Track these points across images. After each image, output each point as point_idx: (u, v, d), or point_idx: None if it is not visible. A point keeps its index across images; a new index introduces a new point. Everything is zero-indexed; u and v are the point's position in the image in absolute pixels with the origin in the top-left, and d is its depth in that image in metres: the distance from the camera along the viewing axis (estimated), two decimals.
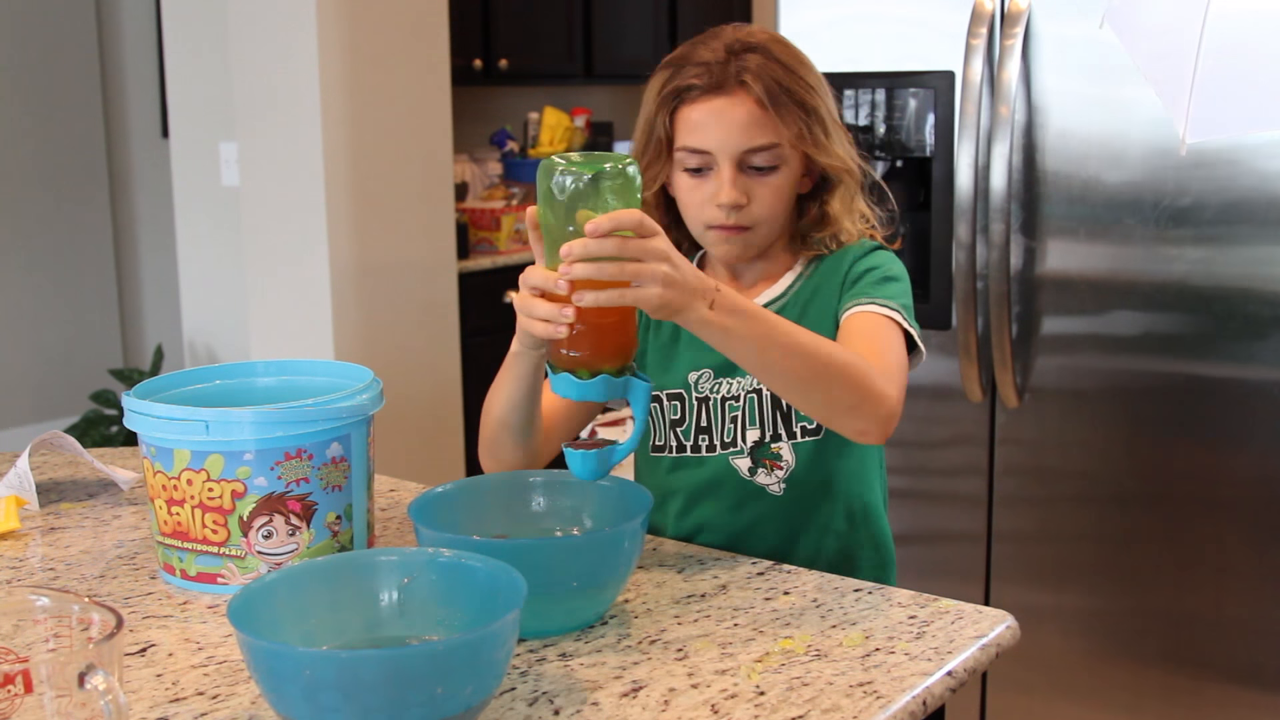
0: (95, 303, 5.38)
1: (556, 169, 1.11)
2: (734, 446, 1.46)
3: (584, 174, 1.10)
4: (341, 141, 3.33)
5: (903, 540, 2.50)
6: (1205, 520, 2.12)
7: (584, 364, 1.15)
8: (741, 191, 1.39)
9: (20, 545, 1.47)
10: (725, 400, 1.46)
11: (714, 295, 1.16)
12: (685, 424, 1.48)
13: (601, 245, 1.08)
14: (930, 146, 2.32)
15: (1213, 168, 2.03)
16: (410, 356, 3.53)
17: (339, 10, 3.27)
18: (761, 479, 1.46)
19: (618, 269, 1.09)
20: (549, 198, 1.11)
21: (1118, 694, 2.23)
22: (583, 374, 1.15)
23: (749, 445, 1.45)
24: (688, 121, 1.40)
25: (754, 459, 1.46)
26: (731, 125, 1.38)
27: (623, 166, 1.12)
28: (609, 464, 1.21)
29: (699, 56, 1.40)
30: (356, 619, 1.09)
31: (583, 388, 1.15)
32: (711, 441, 1.47)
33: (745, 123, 1.37)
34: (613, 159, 1.12)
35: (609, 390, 1.16)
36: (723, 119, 1.38)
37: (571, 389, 1.15)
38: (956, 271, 2.24)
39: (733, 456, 1.46)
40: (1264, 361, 2.03)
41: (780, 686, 1.08)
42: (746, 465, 1.46)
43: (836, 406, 1.25)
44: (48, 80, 5.16)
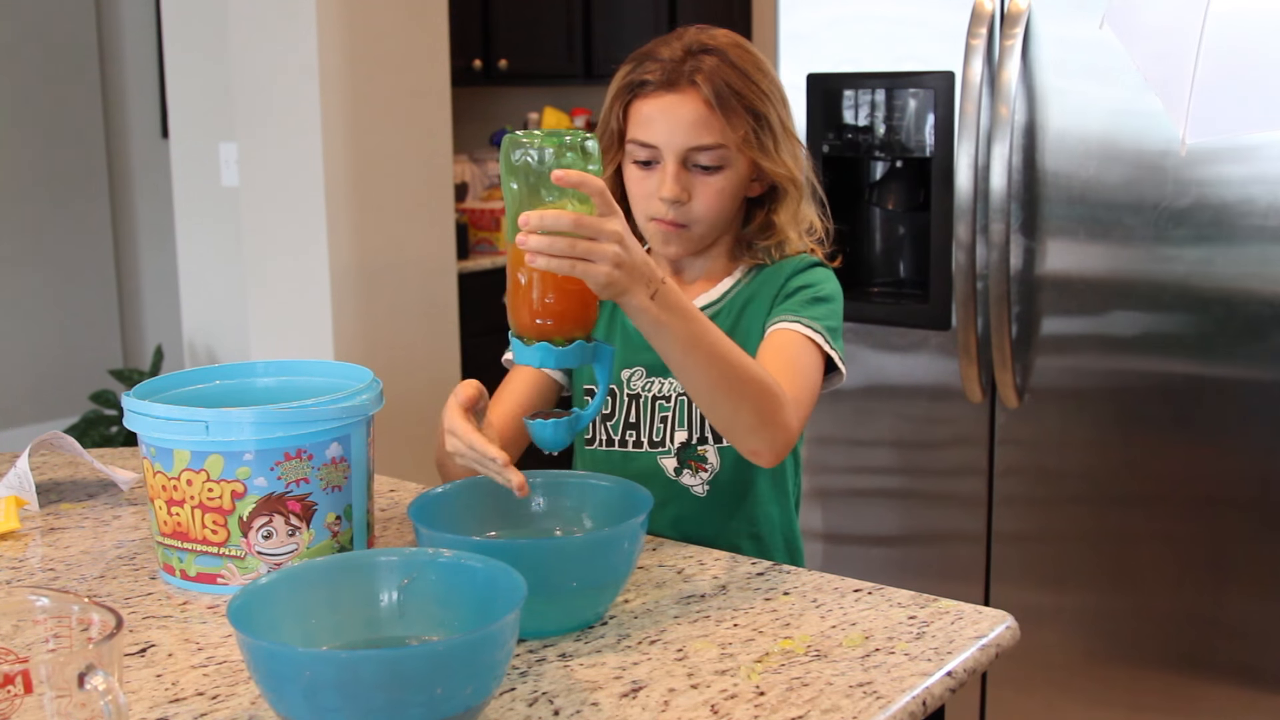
0: (95, 303, 5.38)
1: (519, 142, 1.14)
2: (662, 446, 1.49)
3: (545, 147, 1.13)
4: (341, 141, 3.32)
5: (903, 540, 2.51)
6: (1205, 520, 2.12)
7: (557, 331, 1.17)
8: (683, 188, 1.42)
9: (20, 545, 1.47)
10: (656, 399, 1.49)
11: (659, 286, 1.18)
12: (615, 419, 1.51)
13: (558, 219, 1.10)
14: (930, 146, 2.32)
15: (1213, 168, 2.03)
16: (410, 356, 3.53)
17: (339, 10, 3.27)
18: (686, 479, 1.50)
19: (569, 245, 1.10)
20: (511, 170, 1.14)
21: (1117, 694, 2.23)
22: (558, 341, 1.17)
23: (676, 446, 1.49)
24: (639, 115, 1.44)
25: (680, 460, 1.49)
26: (678, 122, 1.41)
27: (581, 140, 1.14)
28: (575, 430, 1.23)
29: (659, 53, 1.44)
30: (356, 619, 1.09)
31: (560, 355, 1.17)
32: (639, 438, 1.50)
33: (692, 121, 1.41)
34: (572, 133, 1.15)
35: (583, 355, 1.18)
36: (670, 116, 1.41)
37: (549, 357, 1.17)
38: (956, 271, 2.24)
39: (660, 456, 1.50)
40: (1264, 361, 2.03)
41: (780, 687, 1.08)
42: (672, 465, 1.50)
43: (740, 423, 1.29)
44: (48, 80, 5.16)
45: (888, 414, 2.42)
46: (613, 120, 1.47)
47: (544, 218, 1.10)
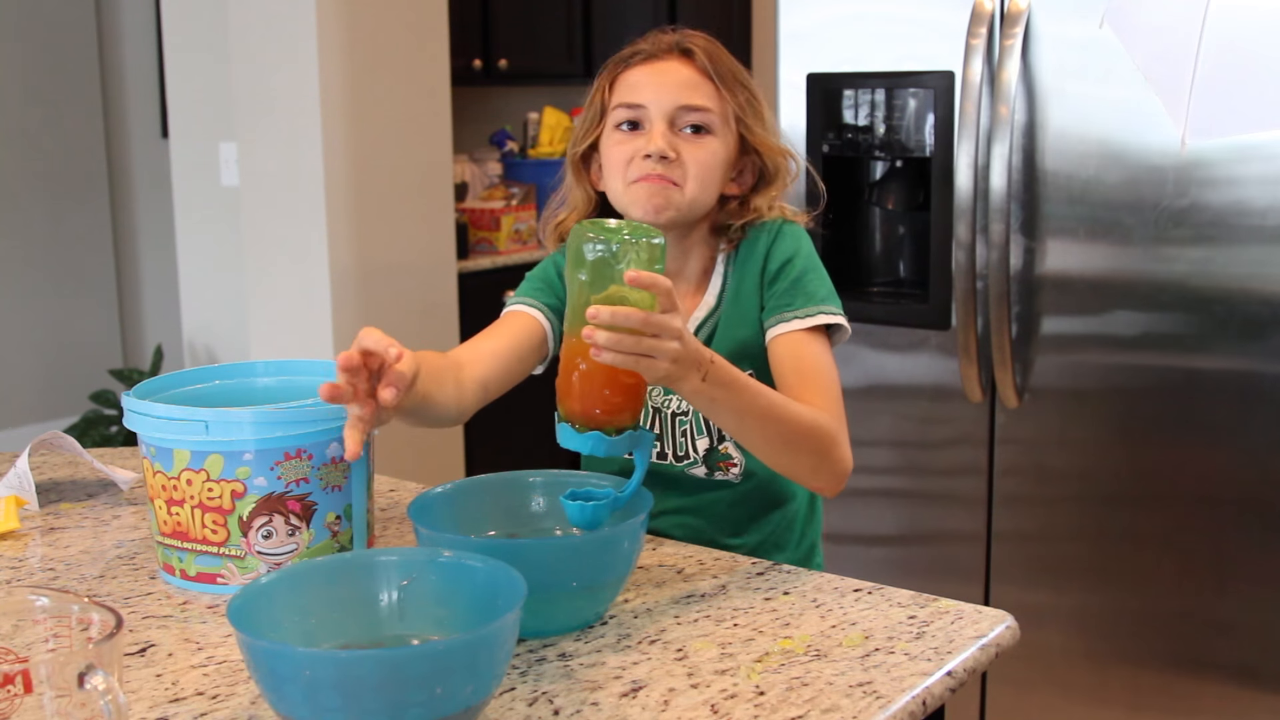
0: (95, 303, 5.38)
1: (588, 235, 1.15)
2: (687, 459, 1.50)
3: (612, 242, 1.14)
4: (341, 141, 3.33)
5: (903, 540, 2.51)
6: (1205, 520, 2.12)
7: (609, 421, 1.19)
8: (671, 146, 1.40)
9: (20, 545, 1.47)
10: (675, 415, 1.49)
11: (708, 368, 1.20)
12: None
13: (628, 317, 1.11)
14: (930, 146, 2.32)
15: (1213, 168, 2.03)
16: None
17: (339, 10, 3.27)
18: (719, 478, 1.51)
19: (635, 342, 1.12)
20: (579, 262, 1.15)
21: (1117, 694, 2.23)
22: (610, 431, 1.19)
23: (701, 454, 1.49)
24: (625, 82, 1.44)
25: (708, 465, 1.50)
26: (667, 82, 1.42)
27: (649, 239, 1.15)
28: (610, 513, 1.24)
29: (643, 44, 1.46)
30: (356, 619, 1.09)
31: (611, 444, 1.19)
32: (663, 451, 1.50)
33: (681, 82, 1.41)
34: (643, 230, 1.17)
35: (631, 443, 1.21)
36: (660, 78, 1.42)
37: (600, 445, 1.19)
38: (956, 271, 2.24)
39: (688, 468, 1.50)
40: (1264, 361, 2.03)
41: (780, 686, 1.08)
42: (702, 472, 1.50)
43: (800, 470, 1.35)
44: (48, 80, 5.16)
45: (888, 414, 2.42)
46: (597, 98, 1.47)
47: (615, 315, 1.11)
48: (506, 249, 4.15)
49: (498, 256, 4.05)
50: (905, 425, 2.40)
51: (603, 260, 1.14)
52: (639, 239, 1.15)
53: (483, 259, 3.98)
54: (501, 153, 4.51)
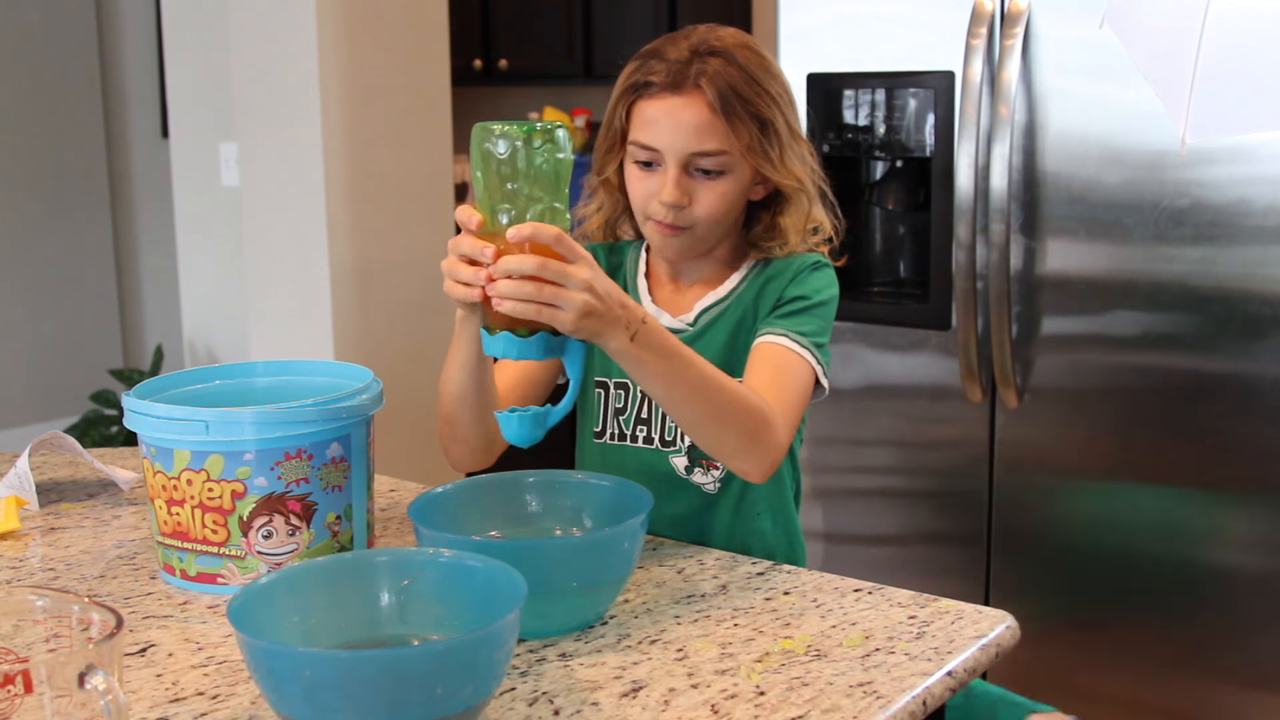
0: (95, 303, 5.38)
1: (489, 130, 1.14)
2: (673, 446, 1.49)
3: (515, 136, 1.13)
4: (341, 141, 3.32)
5: (903, 540, 2.51)
6: (1205, 520, 2.12)
7: (523, 320, 1.16)
8: (684, 192, 1.40)
9: (20, 545, 1.47)
10: None
11: (638, 327, 1.19)
12: (627, 413, 1.51)
13: (521, 263, 1.11)
14: (930, 146, 2.32)
15: (1213, 168, 2.03)
16: (410, 356, 3.53)
17: (339, 10, 3.27)
18: (697, 478, 1.50)
19: (535, 289, 1.12)
20: (482, 160, 1.15)
21: (1118, 694, 2.23)
22: (521, 331, 1.17)
23: (688, 445, 1.49)
24: (642, 116, 1.42)
25: (690, 459, 1.50)
26: (680, 127, 1.39)
27: (551, 128, 1.15)
28: (544, 426, 1.22)
29: (665, 53, 1.42)
30: (356, 619, 1.09)
31: (522, 346, 1.17)
32: (650, 434, 1.50)
33: (694, 126, 1.39)
34: (541, 123, 1.15)
35: (547, 348, 1.18)
36: (674, 119, 1.39)
37: (511, 347, 1.17)
38: (956, 271, 2.24)
39: (671, 455, 1.50)
40: (1264, 361, 2.03)
41: (780, 686, 1.08)
42: (683, 464, 1.50)
43: (726, 448, 1.31)
44: (48, 80, 5.16)
45: (888, 414, 2.42)
46: (616, 120, 1.46)
47: (507, 262, 1.11)
48: None
49: None
50: (905, 425, 2.40)
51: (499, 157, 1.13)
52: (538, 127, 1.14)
53: None
54: None
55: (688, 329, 1.50)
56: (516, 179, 1.14)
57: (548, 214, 1.16)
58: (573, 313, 1.13)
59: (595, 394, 1.53)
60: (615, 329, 1.17)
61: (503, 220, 1.15)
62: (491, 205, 1.15)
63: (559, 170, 1.16)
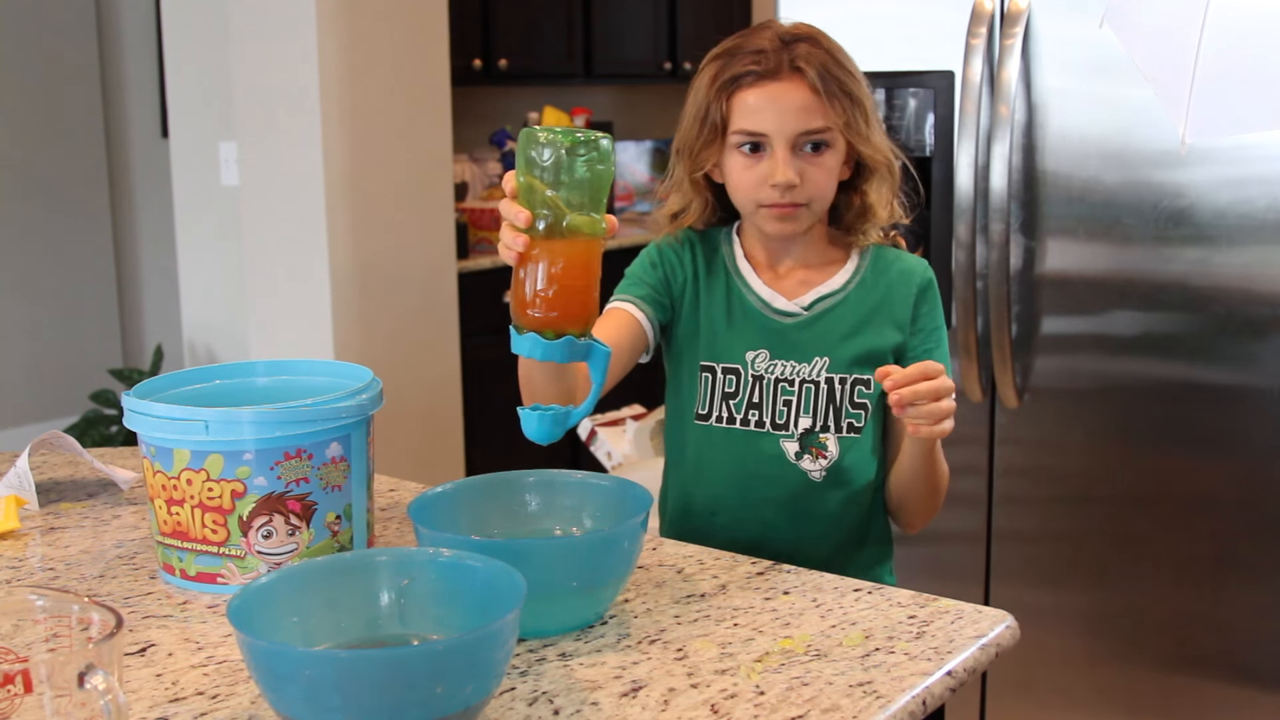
0: (95, 303, 5.38)
1: (536, 138, 1.16)
2: (785, 430, 1.53)
3: (562, 144, 1.15)
4: (341, 141, 3.33)
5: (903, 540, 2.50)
6: (1204, 520, 2.12)
7: (550, 324, 1.18)
8: (795, 172, 1.46)
9: (20, 545, 1.47)
10: (779, 381, 1.53)
11: None
12: (739, 398, 1.54)
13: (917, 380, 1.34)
14: (930, 146, 2.32)
15: (1213, 168, 2.03)
16: (410, 356, 3.53)
17: (339, 10, 3.27)
18: (805, 464, 1.53)
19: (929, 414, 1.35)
20: (526, 164, 1.17)
21: (1117, 694, 2.23)
22: (548, 334, 1.18)
23: (800, 431, 1.52)
24: (744, 105, 1.47)
25: (802, 444, 1.53)
26: (786, 109, 1.45)
27: (595, 139, 1.17)
28: (564, 426, 1.23)
29: (751, 45, 1.48)
30: (356, 619, 1.09)
31: (547, 348, 1.18)
32: (761, 418, 1.53)
33: (799, 107, 1.45)
34: (586, 132, 1.17)
35: (572, 352, 1.19)
36: (778, 103, 1.45)
37: (536, 349, 1.18)
38: (956, 271, 2.24)
39: (783, 439, 1.52)
40: (1263, 362, 2.03)
41: (780, 686, 1.08)
42: (794, 449, 1.53)
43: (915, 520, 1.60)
44: (48, 80, 5.16)
45: None
46: (714, 114, 1.49)
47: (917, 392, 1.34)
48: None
49: (498, 256, 4.04)
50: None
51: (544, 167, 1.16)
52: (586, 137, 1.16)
53: (483, 259, 3.98)
54: (501, 153, 4.51)
55: (802, 313, 1.54)
56: (559, 185, 1.16)
57: (587, 221, 1.17)
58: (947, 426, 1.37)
59: (702, 378, 1.55)
60: None
61: (540, 226, 1.17)
62: (532, 208, 1.17)
63: (601, 180, 1.17)
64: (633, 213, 5.23)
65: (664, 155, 5.38)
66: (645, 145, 5.30)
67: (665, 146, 5.37)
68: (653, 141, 5.32)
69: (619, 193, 5.24)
